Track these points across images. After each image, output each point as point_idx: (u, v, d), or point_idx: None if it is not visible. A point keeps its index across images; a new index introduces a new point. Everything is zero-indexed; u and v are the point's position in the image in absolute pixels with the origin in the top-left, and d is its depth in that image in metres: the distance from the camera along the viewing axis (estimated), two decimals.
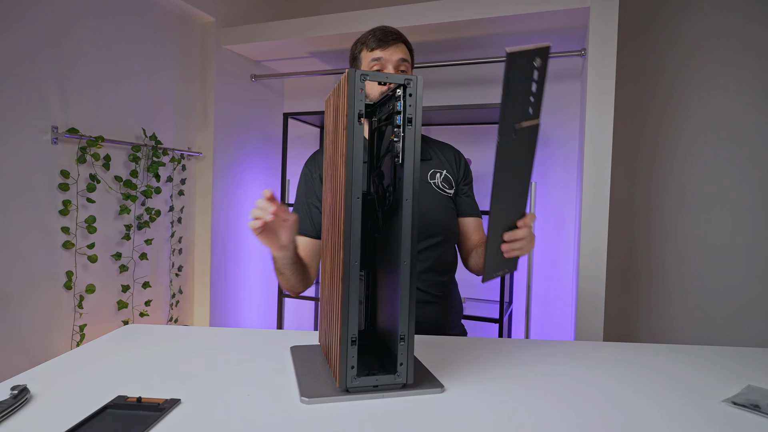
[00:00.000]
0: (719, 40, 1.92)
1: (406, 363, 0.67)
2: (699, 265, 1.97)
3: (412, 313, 0.67)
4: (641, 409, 0.65)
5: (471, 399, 0.67)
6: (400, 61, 1.06)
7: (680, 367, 0.81)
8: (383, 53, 1.05)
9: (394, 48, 1.06)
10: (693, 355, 0.87)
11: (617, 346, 0.92)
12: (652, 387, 0.72)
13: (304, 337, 0.93)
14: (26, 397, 0.63)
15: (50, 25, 1.53)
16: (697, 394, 0.70)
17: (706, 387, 0.72)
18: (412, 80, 0.66)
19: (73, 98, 1.61)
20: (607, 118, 1.53)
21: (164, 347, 0.86)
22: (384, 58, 1.05)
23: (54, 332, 1.58)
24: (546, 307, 2.15)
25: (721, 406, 0.65)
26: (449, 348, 0.89)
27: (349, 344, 0.66)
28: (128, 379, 0.71)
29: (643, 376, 0.77)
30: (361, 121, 0.65)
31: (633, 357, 0.86)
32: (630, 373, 0.77)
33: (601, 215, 1.53)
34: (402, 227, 0.67)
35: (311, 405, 0.64)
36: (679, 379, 0.76)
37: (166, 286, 2.04)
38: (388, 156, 0.74)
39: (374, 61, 1.06)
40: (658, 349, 0.90)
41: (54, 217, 1.56)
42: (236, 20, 2.23)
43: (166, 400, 0.62)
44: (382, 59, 1.05)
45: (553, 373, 0.77)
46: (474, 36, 1.93)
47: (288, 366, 0.78)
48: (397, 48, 1.07)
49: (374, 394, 0.67)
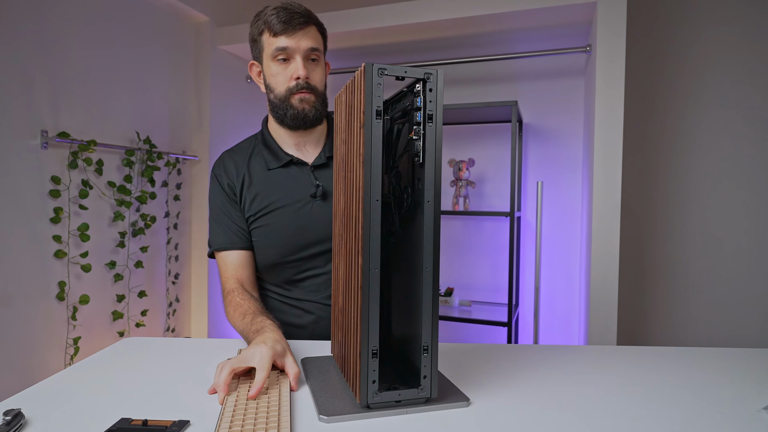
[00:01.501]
0: (730, 34, 1.89)
1: (429, 376, 0.63)
2: (709, 265, 1.95)
3: (436, 322, 0.63)
4: (679, 419, 0.61)
5: (499, 412, 0.62)
6: (309, 50, 0.92)
7: (709, 372, 0.77)
8: (289, 41, 0.91)
9: (303, 34, 0.91)
10: (720, 358, 0.84)
11: (643, 350, 0.89)
12: (686, 394, 0.69)
13: (310, 348, 0.88)
14: (20, 423, 0.58)
15: (39, 24, 1.47)
16: (732, 402, 0.66)
17: (741, 393, 0.69)
18: (432, 74, 0.62)
19: (63, 101, 1.55)
20: (617, 115, 1.50)
21: (166, 362, 0.81)
22: (290, 48, 0.91)
23: (47, 346, 1.51)
24: (551, 309, 2.12)
25: (760, 415, 0.62)
26: (467, 357, 0.84)
27: (369, 357, 0.61)
28: (131, 399, 0.66)
29: (674, 383, 0.73)
30: (378, 118, 0.61)
31: (660, 362, 0.82)
32: (659, 380, 0.74)
33: (612, 217, 1.50)
34: (424, 231, 0.62)
35: (331, 424, 0.59)
36: (712, 384, 0.72)
37: (163, 294, 1.98)
38: (405, 155, 0.70)
39: (279, 51, 0.92)
40: (684, 353, 0.87)
41: (45, 225, 1.50)
42: (231, 20, 2.18)
43: (174, 423, 0.57)
44: (288, 49, 0.91)
45: (580, 381, 0.73)
46: (476, 33, 1.90)
47: (300, 380, 0.73)
48: (306, 34, 0.92)
49: (397, 410, 0.62)
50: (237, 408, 0.60)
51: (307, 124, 0.98)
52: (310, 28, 0.93)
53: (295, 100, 0.95)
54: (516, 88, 2.15)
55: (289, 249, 0.97)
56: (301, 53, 0.93)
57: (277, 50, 0.92)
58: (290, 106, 0.95)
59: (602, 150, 1.53)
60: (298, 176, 0.99)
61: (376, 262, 0.61)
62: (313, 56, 0.95)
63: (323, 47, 0.99)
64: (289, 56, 0.93)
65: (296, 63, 0.93)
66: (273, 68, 0.95)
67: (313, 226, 0.96)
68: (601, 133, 1.53)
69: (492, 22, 1.77)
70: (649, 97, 2.00)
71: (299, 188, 0.98)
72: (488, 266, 2.20)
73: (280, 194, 0.97)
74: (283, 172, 0.99)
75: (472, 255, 2.22)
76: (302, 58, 0.93)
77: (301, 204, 0.97)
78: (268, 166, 1.00)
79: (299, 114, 0.95)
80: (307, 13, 0.94)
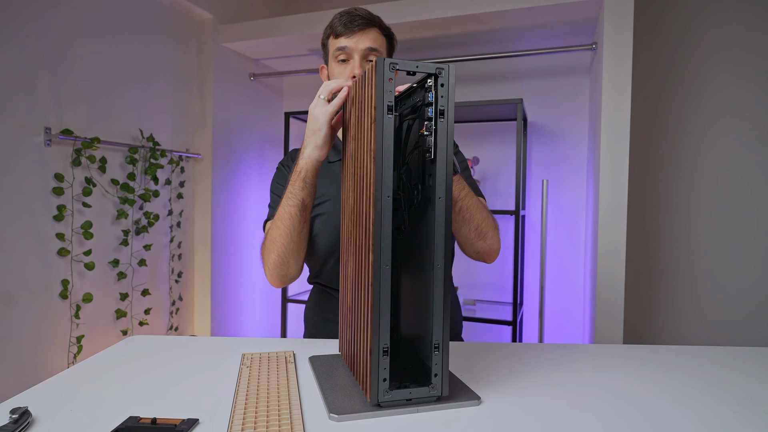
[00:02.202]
0: (736, 32, 1.88)
1: (441, 374, 0.62)
2: (713, 265, 1.94)
3: (447, 319, 0.63)
4: (695, 418, 0.60)
5: (511, 411, 0.62)
6: (368, 50, 0.95)
7: (721, 371, 0.76)
8: (348, 41, 0.94)
9: (361, 35, 0.95)
10: (730, 356, 0.83)
11: (653, 349, 0.88)
12: (700, 393, 0.68)
13: (316, 346, 0.88)
14: (28, 421, 0.57)
15: (42, 22, 1.46)
16: (747, 401, 0.65)
17: (755, 392, 0.68)
18: (444, 69, 0.61)
19: (66, 98, 1.55)
20: (624, 114, 1.49)
21: (173, 360, 0.80)
22: (349, 47, 0.94)
23: (50, 344, 1.51)
24: (555, 308, 2.11)
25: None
26: (475, 355, 0.84)
27: (380, 355, 0.60)
28: (138, 398, 0.65)
29: (686, 382, 0.72)
30: (390, 113, 0.60)
31: (670, 360, 0.81)
32: (671, 379, 0.73)
33: (618, 216, 1.50)
34: (435, 227, 0.62)
35: (342, 422, 0.59)
36: (725, 383, 0.71)
37: (166, 293, 1.97)
38: (416, 151, 0.69)
39: (339, 51, 0.95)
40: (695, 351, 0.86)
41: (48, 223, 1.50)
42: (234, 17, 2.17)
43: (183, 421, 0.57)
44: (347, 48, 0.94)
45: (590, 380, 0.73)
46: (482, 31, 1.90)
47: (309, 378, 0.72)
48: (365, 35, 0.95)
49: (408, 408, 0.62)
50: (248, 408, 0.60)
51: None
52: (370, 30, 0.96)
53: None
54: (521, 86, 2.14)
55: (337, 236, 0.97)
56: (359, 53, 0.95)
57: (337, 50, 0.95)
58: None
59: (608, 149, 1.52)
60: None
61: (387, 259, 0.61)
62: (372, 57, 0.96)
63: (386, 51, 1.01)
64: (348, 56, 0.96)
65: (353, 62, 0.95)
66: (335, 69, 0.98)
67: None
68: (607, 132, 1.52)
69: (497, 19, 1.76)
70: (655, 95, 1.99)
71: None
72: (492, 265, 2.19)
73: (337, 185, 0.99)
74: (339, 165, 1.01)
75: None
76: (360, 57, 0.95)
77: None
78: (328, 159, 1.03)
79: None
80: (369, 16, 0.96)
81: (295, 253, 0.89)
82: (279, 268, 0.89)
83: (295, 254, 0.89)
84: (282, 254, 0.88)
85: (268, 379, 0.69)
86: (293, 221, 0.85)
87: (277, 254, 0.88)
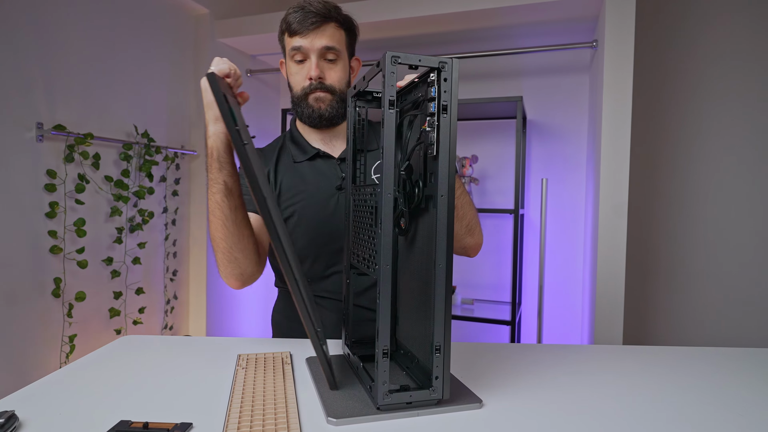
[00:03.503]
0: (739, 30, 1.87)
1: (441, 377, 0.61)
2: (714, 265, 1.93)
3: (449, 321, 0.61)
4: (699, 421, 0.59)
5: (513, 414, 0.60)
6: (324, 49, 0.91)
7: (724, 372, 0.75)
8: (303, 41, 0.90)
9: (316, 33, 0.90)
10: (732, 358, 0.82)
11: (654, 350, 0.87)
12: (704, 395, 0.66)
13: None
14: (14, 425, 0.55)
15: (35, 15, 1.44)
16: (752, 403, 0.64)
17: (760, 394, 0.67)
18: (447, 63, 0.60)
19: (59, 93, 1.52)
20: (625, 113, 1.48)
21: (166, 361, 0.78)
22: (304, 47, 0.90)
23: (42, 343, 1.48)
24: (554, 307, 2.10)
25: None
26: (475, 356, 0.82)
27: (380, 357, 0.59)
28: (130, 401, 0.63)
29: (689, 383, 0.71)
30: (391, 108, 0.58)
31: (673, 361, 0.80)
32: (674, 380, 0.72)
33: (619, 215, 1.48)
34: (437, 226, 0.60)
35: (340, 426, 0.57)
36: (728, 384, 0.70)
37: (161, 291, 1.95)
38: (417, 148, 0.68)
39: (294, 51, 0.92)
40: (696, 352, 0.85)
41: (40, 220, 1.47)
42: (231, 12, 2.15)
43: (177, 425, 0.55)
44: (302, 48, 0.91)
45: (592, 381, 0.71)
46: (481, 28, 1.88)
47: (306, 380, 0.71)
48: (321, 32, 0.90)
49: (408, 412, 0.60)
50: (243, 411, 0.58)
51: (323, 123, 0.97)
52: (326, 26, 0.92)
53: (311, 100, 0.95)
54: (521, 83, 2.12)
55: (317, 240, 0.95)
56: (315, 53, 0.92)
57: (293, 50, 0.93)
58: (306, 105, 0.96)
59: (609, 148, 1.50)
60: (324, 169, 0.98)
61: (388, 258, 0.59)
62: (330, 56, 0.93)
63: (346, 44, 0.96)
64: (304, 56, 0.93)
65: (310, 63, 0.92)
66: (291, 68, 0.95)
67: (339, 217, 0.94)
68: (608, 130, 1.50)
69: (497, 16, 1.74)
70: (656, 94, 1.98)
71: (325, 180, 0.96)
72: (491, 264, 2.18)
73: (306, 186, 0.96)
74: (310, 165, 0.98)
75: None
76: (317, 57, 0.92)
77: (327, 196, 0.95)
78: (294, 160, 1.00)
79: (314, 113, 0.96)
80: (323, 11, 0.91)
81: (239, 246, 0.81)
82: (229, 266, 0.82)
83: (240, 246, 0.81)
84: (225, 249, 0.81)
85: (264, 381, 0.67)
86: (222, 209, 0.78)
87: (221, 251, 0.81)
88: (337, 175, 0.97)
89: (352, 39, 0.99)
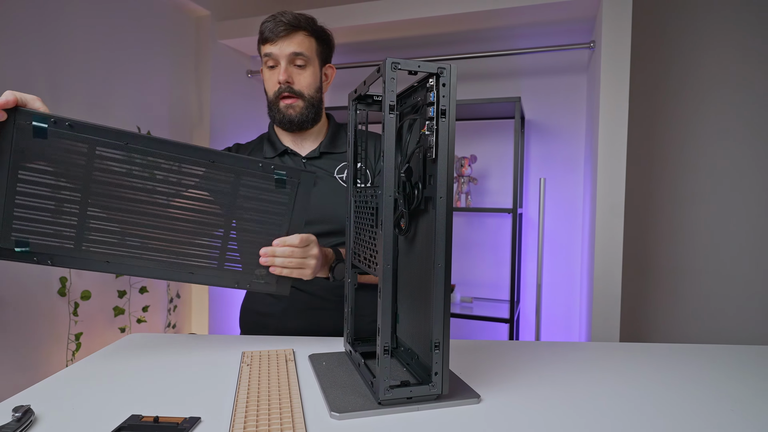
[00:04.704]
0: (737, 31, 1.88)
1: (441, 372, 0.63)
2: (710, 263, 1.95)
3: (447, 318, 0.63)
4: (694, 417, 0.61)
5: (510, 409, 0.62)
6: (292, 55, 0.97)
7: (719, 369, 0.77)
8: (273, 47, 0.97)
9: (285, 40, 0.97)
10: (728, 355, 0.84)
11: (651, 347, 0.89)
12: (698, 391, 0.69)
13: (316, 345, 0.88)
14: (30, 419, 0.57)
15: (39, 19, 1.45)
16: (746, 399, 0.66)
17: (754, 390, 0.69)
18: (446, 69, 0.62)
19: (63, 94, 1.54)
20: (622, 113, 1.50)
21: (174, 358, 0.80)
22: (275, 54, 0.97)
23: (49, 341, 1.50)
24: (552, 306, 2.13)
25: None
26: (474, 353, 0.84)
27: (381, 354, 0.61)
28: (140, 396, 0.65)
29: (684, 380, 0.73)
30: (391, 113, 0.60)
31: (669, 358, 0.82)
32: (669, 377, 0.74)
33: (615, 214, 1.50)
34: (436, 227, 0.62)
35: (343, 420, 0.59)
36: (723, 381, 0.72)
37: (164, 290, 1.97)
38: (416, 151, 0.70)
39: (266, 57, 0.98)
40: (692, 350, 0.87)
41: None
42: (232, 14, 2.16)
43: (186, 419, 0.57)
44: (273, 55, 0.97)
45: (589, 378, 0.73)
46: (479, 29, 1.90)
47: (309, 376, 0.73)
48: (290, 40, 0.97)
49: (408, 407, 0.62)
50: (249, 406, 0.60)
51: (294, 127, 1.04)
52: (296, 34, 0.98)
53: (282, 105, 1.02)
54: (519, 84, 2.14)
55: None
56: (284, 58, 0.98)
57: (265, 56, 1.00)
58: (278, 110, 1.03)
59: (606, 148, 1.52)
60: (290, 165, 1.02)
61: (389, 258, 0.61)
62: (298, 62, 0.99)
63: (316, 52, 1.02)
64: (275, 62, 0.99)
65: (279, 68, 0.99)
66: (265, 74, 1.03)
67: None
68: (605, 130, 1.52)
69: (495, 17, 1.76)
70: (653, 94, 2.00)
71: None
72: (490, 263, 2.20)
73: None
74: (278, 161, 1.04)
75: (473, 251, 2.22)
76: (286, 62, 0.98)
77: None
78: (265, 156, 1.08)
79: (285, 118, 1.03)
80: (293, 21, 0.98)
81: None
82: None
83: None
84: None
85: (268, 378, 0.69)
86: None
87: None
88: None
89: (324, 48, 1.04)
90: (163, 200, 0.75)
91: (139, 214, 0.75)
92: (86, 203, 0.72)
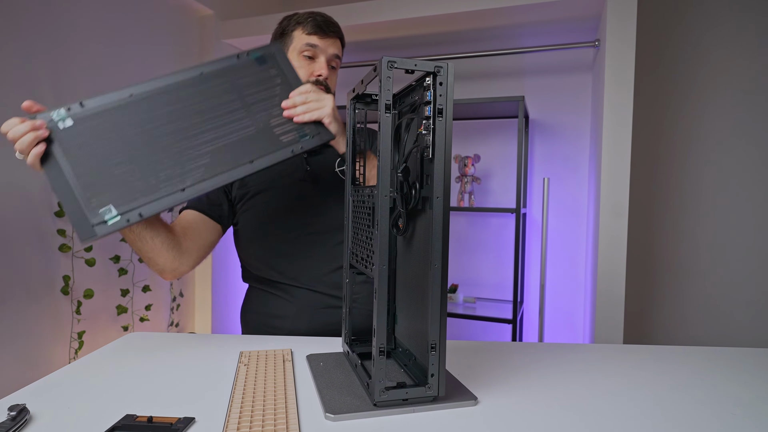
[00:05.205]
0: (743, 29, 1.86)
1: (437, 374, 0.62)
2: (714, 265, 1.93)
3: (444, 319, 0.62)
4: (693, 419, 0.60)
5: (507, 412, 0.62)
6: (333, 56, 1.02)
7: (721, 371, 0.76)
8: (321, 42, 1.00)
9: (332, 41, 1.02)
10: (731, 357, 0.83)
11: (652, 349, 0.88)
12: (699, 394, 0.67)
13: (314, 345, 0.88)
14: (25, 418, 0.57)
15: (43, 19, 1.46)
16: (747, 402, 0.65)
17: (755, 393, 0.68)
18: (443, 67, 0.61)
19: (67, 93, 1.55)
20: (626, 112, 1.48)
21: (171, 357, 0.80)
22: (320, 48, 1.00)
23: (51, 340, 1.51)
24: (556, 306, 2.11)
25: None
26: (473, 354, 0.84)
27: (377, 355, 0.60)
28: (135, 395, 0.65)
29: (685, 382, 0.72)
30: (388, 112, 0.60)
31: (670, 361, 0.81)
32: (670, 379, 0.73)
33: (620, 215, 1.48)
34: (433, 227, 0.61)
35: (337, 422, 0.59)
36: (724, 384, 0.71)
37: (167, 289, 1.98)
38: (413, 150, 0.69)
39: (308, 47, 1.00)
40: (694, 352, 0.86)
41: (49, 219, 1.50)
42: (235, 13, 2.17)
43: (180, 419, 0.57)
44: (317, 48, 1.00)
45: (589, 380, 0.72)
46: (483, 27, 1.88)
47: (306, 377, 0.72)
48: (334, 42, 1.02)
49: (404, 408, 0.61)
50: (244, 406, 0.60)
51: None
52: (337, 39, 1.04)
53: None
54: (523, 83, 2.12)
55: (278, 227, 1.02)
56: (326, 55, 1.01)
57: (307, 45, 0.99)
58: None
59: (610, 147, 1.51)
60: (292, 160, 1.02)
61: (385, 258, 0.61)
62: (334, 63, 1.03)
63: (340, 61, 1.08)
64: (315, 55, 1.00)
65: (320, 62, 1.00)
66: (297, 61, 1.02)
67: (300, 206, 1.02)
68: (609, 130, 1.51)
69: (499, 16, 1.75)
70: (658, 93, 1.97)
71: (289, 171, 1.03)
72: (493, 263, 2.19)
73: (270, 175, 1.02)
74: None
75: (476, 251, 2.21)
76: (326, 60, 1.01)
77: (288, 185, 1.03)
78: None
79: None
80: (338, 27, 1.04)
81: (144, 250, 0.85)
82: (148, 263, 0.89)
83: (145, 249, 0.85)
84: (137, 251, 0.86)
85: (265, 378, 0.69)
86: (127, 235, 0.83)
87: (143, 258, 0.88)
88: (302, 167, 1.04)
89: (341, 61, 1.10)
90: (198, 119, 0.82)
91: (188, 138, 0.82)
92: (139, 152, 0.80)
